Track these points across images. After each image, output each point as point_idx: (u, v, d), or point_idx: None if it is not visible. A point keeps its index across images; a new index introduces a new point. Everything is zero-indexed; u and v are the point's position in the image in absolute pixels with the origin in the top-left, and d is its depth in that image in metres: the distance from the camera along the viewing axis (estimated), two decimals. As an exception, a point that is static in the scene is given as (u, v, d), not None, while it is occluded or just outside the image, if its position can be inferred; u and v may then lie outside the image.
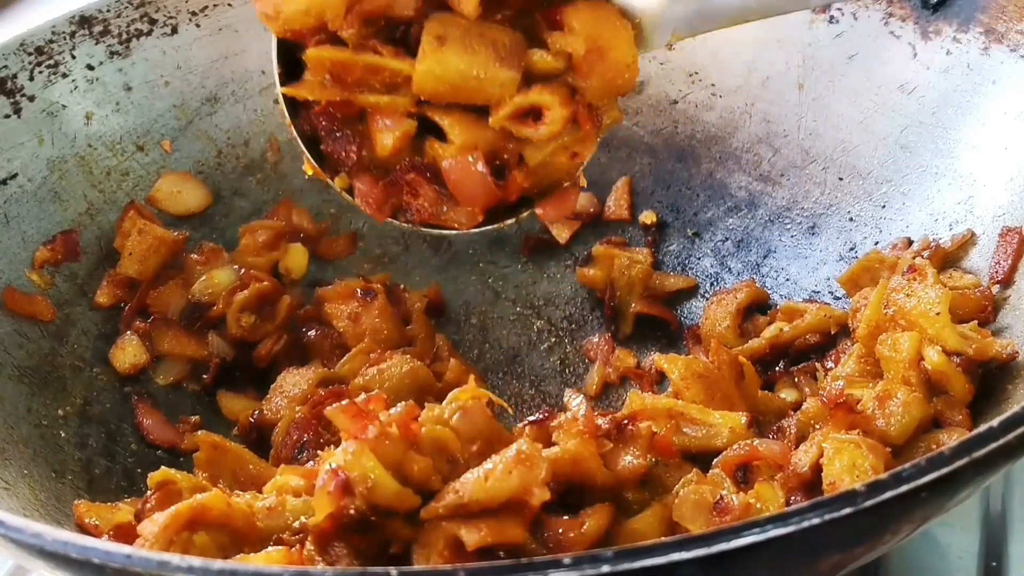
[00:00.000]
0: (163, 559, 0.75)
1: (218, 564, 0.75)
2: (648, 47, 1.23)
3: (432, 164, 1.21)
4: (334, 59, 1.15)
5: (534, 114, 1.18)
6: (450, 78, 1.13)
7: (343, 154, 1.21)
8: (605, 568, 0.72)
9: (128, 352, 1.38)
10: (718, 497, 1.00)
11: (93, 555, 0.77)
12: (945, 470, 0.76)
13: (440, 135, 1.18)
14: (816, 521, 0.73)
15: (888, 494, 0.75)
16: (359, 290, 1.42)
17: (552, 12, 1.17)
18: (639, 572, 0.72)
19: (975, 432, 0.79)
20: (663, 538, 0.74)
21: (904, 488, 0.75)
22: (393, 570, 0.73)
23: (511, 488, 0.91)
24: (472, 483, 0.91)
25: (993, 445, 0.78)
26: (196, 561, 0.75)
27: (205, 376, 1.40)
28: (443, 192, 1.21)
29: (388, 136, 1.18)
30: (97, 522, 1.10)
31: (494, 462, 0.92)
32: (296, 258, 1.52)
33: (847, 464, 1.00)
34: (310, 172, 1.25)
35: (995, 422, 0.79)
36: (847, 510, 0.74)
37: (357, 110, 1.20)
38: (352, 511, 0.91)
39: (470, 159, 1.18)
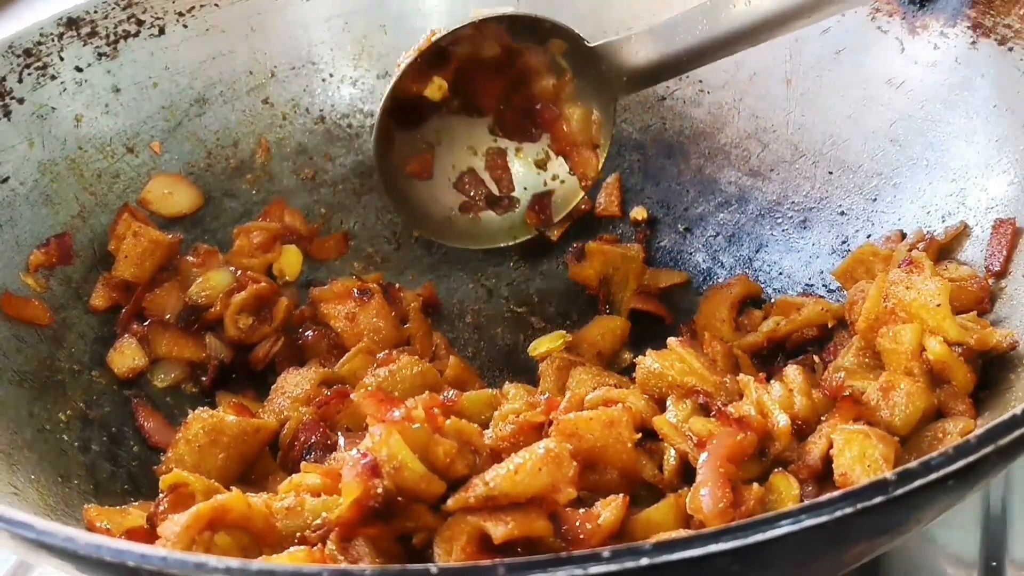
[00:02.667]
0: (200, 560, 0.75)
1: (256, 564, 0.75)
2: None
3: None
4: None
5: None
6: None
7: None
8: (644, 560, 0.73)
9: (126, 355, 1.37)
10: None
11: (128, 558, 0.76)
12: (972, 457, 0.77)
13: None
14: (849, 510, 0.75)
15: (919, 482, 0.76)
16: (355, 290, 1.42)
17: None
18: (676, 564, 0.73)
19: (999, 420, 0.80)
20: (701, 530, 0.75)
21: (934, 476, 0.76)
22: (433, 567, 0.73)
23: (541, 484, 0.92)
24: (503, 476, 0.92)
25: (1017, 432, 0.79)
26: (234, 562, 0.75)
27: (204, 378, 1.40)
28: None
29: None
30: (108, 526, 1.09)
31: (524, 458, 0.93)
32: (290, 259, 1.52)
33: (857, 454, 1.01)
34: None
35: (1018, 409, 0.81)
36: (879, 498, 0.75)
37: None
38: (380, 491, 0.92)
39: None
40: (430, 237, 1.56)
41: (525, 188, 1.57)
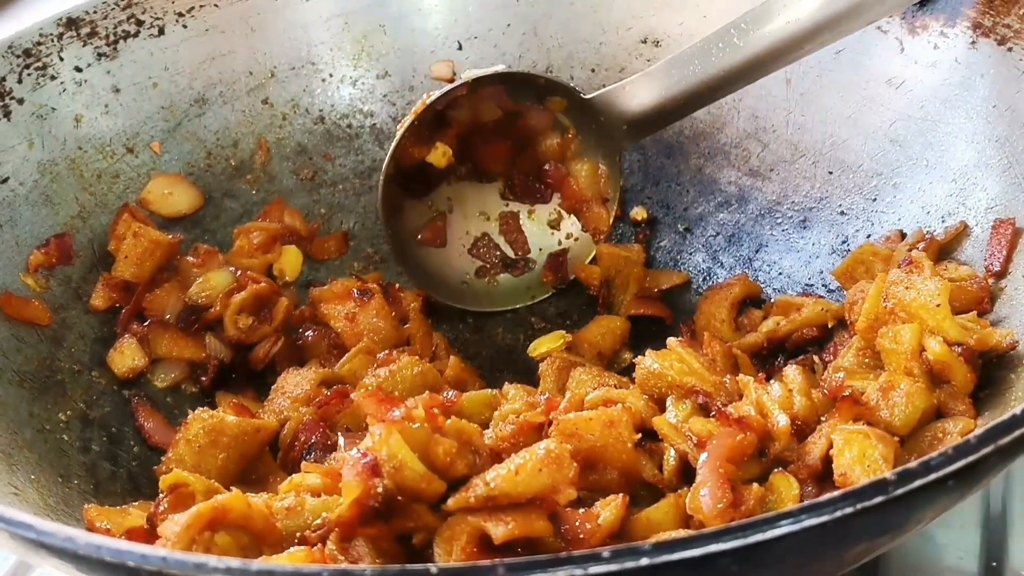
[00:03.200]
0: (199, 560, 0.75)
1: (256, 565, 0.75)
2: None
3: None
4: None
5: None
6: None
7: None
8: (644, 560, 0.73)
9: (126, 356, 1.37)
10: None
11: (128, 558, 0.76)
12: (972, 457, 0.77)
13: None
14: (849, 510, 0.74)
15: (919, 482, 0.76)
16: (355, 290, 1.42)
17: None
18: (676, 564, 0.73)
19: (999, 420, 0.80)
20: (701, 530, 0.75)
21: (933, 476, 0.76)
22: (433, 567, 0.73)
23: (541, 484, 0.92)
24: (503, 476, 0.92)
25: (1017, 432, 0.79)
26: (234, 562, 0.75)
27: (204, 378, 1.40)
28: None
29: None
30: (108, 526, 1.09)
31: (524, 458, 0.93)
32: (290, 260, 1.52)
33: (857, 455, 1.01)
34: None
35: (1018, 409, 0.80)
36: (879, 498, 0.75)
37: None
38: (380, 491, 0.92)
39: None
40: (446, 302, 1.55)
41: (540, 249, 1.58)
